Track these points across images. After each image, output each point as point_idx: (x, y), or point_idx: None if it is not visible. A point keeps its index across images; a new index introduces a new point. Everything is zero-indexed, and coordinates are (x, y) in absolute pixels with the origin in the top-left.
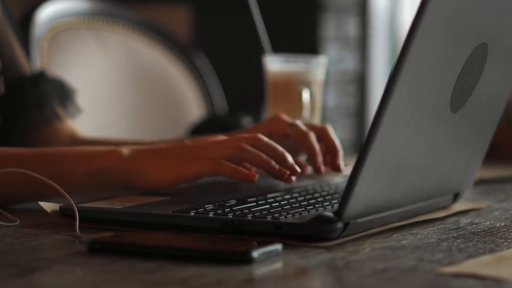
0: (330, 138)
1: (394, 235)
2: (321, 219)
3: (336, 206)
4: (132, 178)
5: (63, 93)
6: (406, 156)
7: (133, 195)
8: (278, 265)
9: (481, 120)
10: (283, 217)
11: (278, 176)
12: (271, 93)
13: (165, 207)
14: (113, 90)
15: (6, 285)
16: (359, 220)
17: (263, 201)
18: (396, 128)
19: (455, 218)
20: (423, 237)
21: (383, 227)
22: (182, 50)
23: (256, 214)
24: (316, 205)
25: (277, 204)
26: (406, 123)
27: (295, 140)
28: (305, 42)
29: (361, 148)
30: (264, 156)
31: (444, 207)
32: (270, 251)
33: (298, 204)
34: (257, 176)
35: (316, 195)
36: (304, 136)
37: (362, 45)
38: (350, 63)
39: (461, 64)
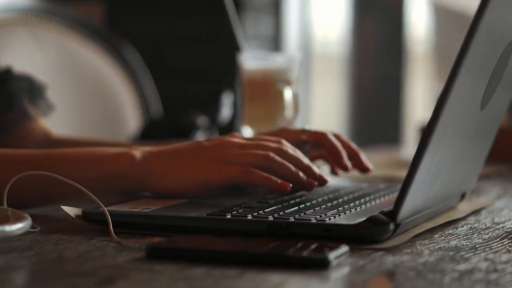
0: (345, 141)
1: (434, 236)
2: (374, 221)
3: (363, 206)
4: (148, 182)
5: (32, 90)
6: (444, 158)
7: (145, 199)
8: (355, 269)
9: (495, 117)
10: (327, 218)
11: (307, 188)
12: (247, 92)
13: (194, 210)
14: (50, 88)
15: None
16: (404, 222)
17: (287, 203)
18: (443, 135)
19: (475, 217)
20: (465, 237)
21: (416, 228)
22: (115, 47)
23: (299, 216)
24: (345, 206)
25: (304, 205)
26: (450, 127)
27: (314, 144)
28: (224, 41)
29: (415, 155)
30: (292, 168)
31: (453, 207)
32: (342, 254)
33: (327, 205)
34: (291, 185)
35: (336, 194)
36: (323, 136)
37: (276, 44)
38: None
39: (495, 61)
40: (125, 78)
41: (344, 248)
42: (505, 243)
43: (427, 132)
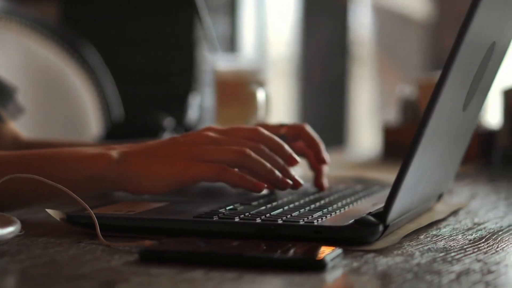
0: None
1: (420, 237)
2: (364, 223)
3: (346, 207)
4: (125, 183)
5: (1, 92)
6: (430, 159)
7: (125, 202)
8: (351, 271)
9: (473, 118)
10: (315, 221)
11: (281, 187)
12: (220, 94)
13: (180, 213)
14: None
15: None
16: (391, 223)
17: (270, 205)
18: (431, 137)
19: (454, 218)
20: (451, 238)
21: (401, 229)
22: (75, 48)
23: (286, 218)
24: (329, 208)
25: (288, 207)
26: (437, 130)
27: (292, 137)
28: (181, 42)
29: (404, 158)
30: (268, 165)
31: (430, 208)
32: (337, 256)
33: (312, 207)
34: (265, 185)
35: (317, 196)
36: (301, 129)
37: (232, 44)
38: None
39: (478, 64)
40: (86, 79)
41: (338, 250)
42: (491, 243)
43: (417, 135)
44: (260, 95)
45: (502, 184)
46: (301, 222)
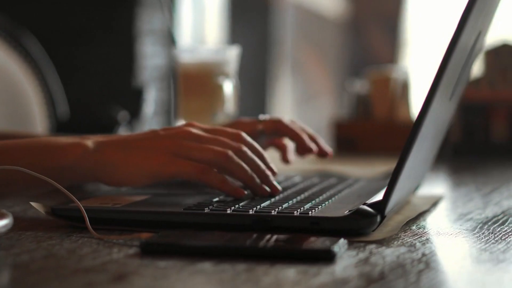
0: (301, 127)
1: (412, 228)
2: (362, 213)
3: (331, 199)
4: (100, 173)
5: None
6: (419, 153)
7: (107, 195)
8: (360, 261)
9: (454, 104)
10: (310, 212)
11: (259, 194)
12: (183, 87)
13: (167, 205)
14: None
15: None
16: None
17: (257, 196)
18: (425, 131)
19: (437, 209)
20: (444, 228)
21: (390, 220)
22: (18, 41)
23: (280, 209)
24: (316, 199)
25: (275, 199)
26: (430, 123)
27: (271, 132)
28: (121, 37)
29: (402, 151)
30: (249, 171)
31: (408, 200)
32: (342, 247)
33: (299, 198)
34: (245, 193)
35: (298, 188)
36: (279, 123)
37: (169, 39)
38: (162, 58)
39: (467, 53)
40: (29, 72)
41: (342, 241)
42: (485, 234)
43: (415, 129)
44: (227, 87)
45: (465, 177)
46: (296, 213)
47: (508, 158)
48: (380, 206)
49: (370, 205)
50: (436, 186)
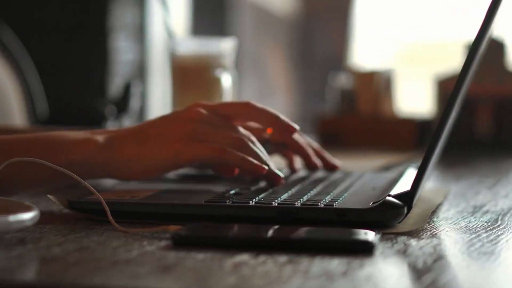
0: (306, 141)
1: (433, 220)
2: (389, 205)
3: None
4: (113, 169)
5: None
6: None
7: (120, 188)
8: (398, 253)
9: (460, 103)
10: (334, 203)
11: (274, 181)
12: (179, 80)
13: (186, 197)
14: None
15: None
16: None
17: (271, 190)
18: (449, 122)
19: (448, 202)
20: (466, 220)
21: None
22: None
23: (305, 201)
24: (330, 192)
25: (291, 192)
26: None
27: (276, 143)
28: (93, 32)
29: (430, 142)
30: (264, 157)
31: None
32: (377, 239)
33: (315, 191)
34: (267, 168)
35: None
36: (287, 137)
37: (141, 34)
38: (134, 53)
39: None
40: (8, 69)
41: (376, 233)
42: (509, 225)
43: (443, 120)
44: (226, 80)
45: (460, 171)
46: (321, 205)
47: (493, 152)
48: (407, 198)
49: (395, 197)
50: (434, 180)
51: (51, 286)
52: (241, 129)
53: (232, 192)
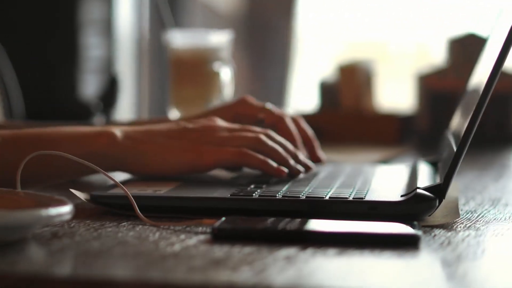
0: (303, 128)
1: (461, 213)
2: (421, 198)
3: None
4: (129, 162)
5: None
6: None
7: (138, 181)
8: (443, 246)
9: None
10: (363, 196)
11: (294, 174)
12: (175, 73)
13: (209, 190)
14: None
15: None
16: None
17: (291, 183)
18: None
19: (465, 195)
20: (490, 213)
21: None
22: None
23: (333, 194)
24: (354, 185)
25: (314, 185)
26: None
27: (270, 125)
28: (62, 27)
29: (463, 136)
30: (283, 153)
31: None
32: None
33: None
34: (286, 170)
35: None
36: (280, 120)
37: (109, 28)
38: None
39: None
40: None
41: (416, 225)
42: None
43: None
44: (224, 73)
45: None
46: (351, 198)
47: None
48: (440, 190)
49: (426, 189)
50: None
51: (107, 281)
52: (256, 128)
53: (253, 186)
